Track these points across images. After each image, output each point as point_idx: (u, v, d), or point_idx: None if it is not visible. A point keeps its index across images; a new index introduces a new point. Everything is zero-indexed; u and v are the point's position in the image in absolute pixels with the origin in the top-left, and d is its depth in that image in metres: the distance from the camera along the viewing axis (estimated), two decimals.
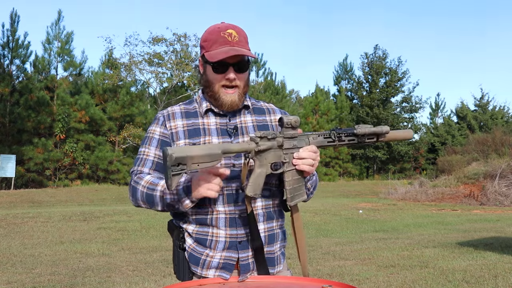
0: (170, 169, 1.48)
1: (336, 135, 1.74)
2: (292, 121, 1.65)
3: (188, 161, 1.50)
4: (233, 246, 1.70)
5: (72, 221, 11.04)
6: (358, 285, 5.29)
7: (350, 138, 1.75)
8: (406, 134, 1.90)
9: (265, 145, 1.62)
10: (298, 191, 1.69)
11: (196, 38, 27.65)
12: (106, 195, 20.18)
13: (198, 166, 1.51)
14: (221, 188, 1.61)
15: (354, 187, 27.42)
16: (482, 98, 38.98)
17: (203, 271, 1.72)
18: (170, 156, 1.48)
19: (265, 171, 1.64)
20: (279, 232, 1.80)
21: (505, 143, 24.56)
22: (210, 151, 1.53)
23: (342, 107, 35.13)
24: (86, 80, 27.85)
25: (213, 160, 1.54)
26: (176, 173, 1.49)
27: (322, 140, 1.73)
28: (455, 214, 14.18)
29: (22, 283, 5.47)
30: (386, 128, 1.78)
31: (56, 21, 26.12)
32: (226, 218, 1.71)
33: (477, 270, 6.04)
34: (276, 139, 1.64)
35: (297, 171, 1.67)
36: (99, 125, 26.64)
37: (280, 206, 1.84)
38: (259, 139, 1.62)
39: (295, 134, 1.67)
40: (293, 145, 1.67)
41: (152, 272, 6.06)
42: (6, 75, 24.14)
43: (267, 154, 1.64)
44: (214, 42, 1.72)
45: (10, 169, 21.38)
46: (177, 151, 1.50)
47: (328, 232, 10.14)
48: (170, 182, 1.48)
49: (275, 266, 1.76)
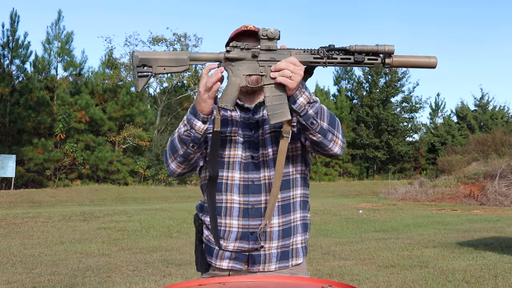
0: (135, 70, 1.54)
1: (326, 52, 1.57)
2: (268, 32, 1.57)
3: (153, 63, 1.54)
4: (245, 236, 1.73)
5: (72, 221, 11.04)
6: (358, 285, 5.29)
7: (343, 57, 1.57)
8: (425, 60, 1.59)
9: (236, 54, 1.58)
10: (279, 109, 1.56)
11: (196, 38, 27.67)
12: (106, 195, 20.18)
13: (164, 69, 1.55)
14: (218, 88, 1.57)
15: (354, 187, 27.41)
16: (482, 98, 39.00)
17: (217, 262, 1.76)
18: (135, 56, 1.54)
19: (239, 82, 1.59)
20: (298, 224, 1.79)
21: (505, 143, 24.56)
22: (177, 56, 1.56)
23: (342, 107, 35.13)
24: (86, 80, 27.86)
25: (179, 65, 1.56)
26: (143, 75, 1.54)
27: (306, 56, 1.58)
28: (455, 214, 14.17)
29: (22, 283, 5.47)
30: (389, 47, 1.55)
31: (56, 21, 26.15)
32: (240, 208, 1.73)
33: (477, 270, 6.04)
34: (251, 50, 1.58)
35: (277, 87, 1.56)
36: (99, 125, 26.64)
37: (303, 197, 1.80)
38: (232, 48, 1.59)
39: (273, 46, 1.58)
40: (271, 58, 1.58)
41: (152, 272, 6.06)
42: (6, 75, 24.14)
43: (241, 65, 1.59)
44: (232, 34, 1.78)
45: (10, 169, 21.37)
46: (143, 53, 1.55)
47: (328, 232, 10.14)
48: (136, 83, 1.54)
49: (289, 259, 1.76)
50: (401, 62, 1.57)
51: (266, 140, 1.75)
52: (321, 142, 1.64)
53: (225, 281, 1.62)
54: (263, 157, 1.75)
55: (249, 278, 1.66)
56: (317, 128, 1.61)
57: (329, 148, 1.66)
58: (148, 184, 26.44)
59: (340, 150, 1.69)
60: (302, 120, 1.60)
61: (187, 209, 13.00)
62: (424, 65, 1.58)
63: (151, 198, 19.79)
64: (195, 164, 1.77)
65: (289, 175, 1.76)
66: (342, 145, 1.69)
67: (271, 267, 1.75)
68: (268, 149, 1.75)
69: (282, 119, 1.57)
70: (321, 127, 1.62)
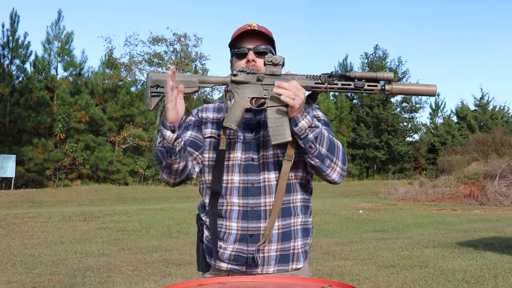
0: (149, 89, 1.67)
1: (327, 79, 1.64)
2: (273, 58, 1.66)
3: (165, 84, 1.65)
4: (244, 239, 1.73)
5: (72, 221, 11.04)
6: (358, 285, 5.29)
7: (344, 83, 1.63)
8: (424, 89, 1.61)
9: (242, 78, 1.68)
10: (280, 130, 1.63)
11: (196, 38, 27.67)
12: (106, 195, 20.18)
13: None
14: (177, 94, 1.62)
15: (354, 187, 27.41)
16: (482, 98, 39.00)
17: (216, 263, 1.78)
18: (150, 77, 1.68)
19: (244, 104, 1.68)
20: (298, 229, 1.79)
21: (505, 143, 24.55)
22: (187, 78, 1.68)
23: (342, 107, 35.14)
24: (86, 80, 27.86)
25: (189, 86, 1.68)
26: (155, 95, 1.67)
27: (308, 81, 1.66)
28: (455, 214, 14.17)
29: (22, 283, 5.47)
30: (388, 74, 1.60)
31: (56, 21, 26.17)
32: (240, 210, 1.74)
33: (477, 270, 6.04)
34: (256, 74, 1.68)
35: (278, 110, 1.63)
36: (99, 125, 26.65)
37: (304, 202, 1.82)
38: (239, 72, 1.68)
39: (277, 71, 1.66)
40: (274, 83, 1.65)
41: (152, 272, 6.06)
42: (6, 75, 24.14)
43: (247, 88, 1.68)
44: (236, 33, 1.81)
45: (10, 169, 21.38)
46: (157, 75, 1.69)
47: (328, 232, 10.14)
48: (149, 102, 1.67)
49: (289, 263, 1.77)
50: (400, 90, 1.61)
51: (267, 141, 1.76)
52: (318, 167, 1.70)
53: (225, 281, 1.62)
54: (263, 159, 1.76)
55: (249, 278, 1.66)
56: (315, 152, 1.66)
57: (327, 174, 1.72)
58: (148, 184, 26.45)
59: (338, 178, 1.74)
60: (301, 143, 1.65)
61: (187, 209, 13.00)
62: (423, 93, 1.62)
63: (151, 198, 19.79)
64: (188, 173, 1.77)
65: (289, 179, 1.76)
66: (341, 172, 1.73)
67: (269, 269, 1.75)
68: (268, 151, 1.76)
69: (283, 140, 1.64)
70: (319, 152, 1.67)
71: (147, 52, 27.13)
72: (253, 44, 1.78)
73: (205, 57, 27.43)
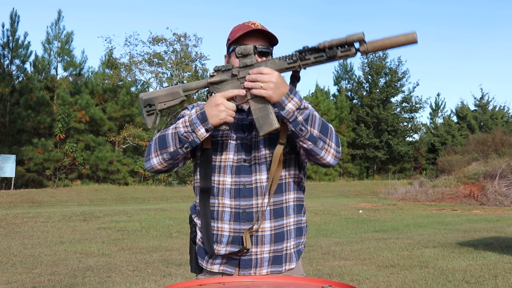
0: (143, 110, 1.74)
1: (298, 55, 1.57)
2: (242, 49, 1.62)
3: (155, 102, 1.73)
4: (236, 241, 1.71)
5: (72, 221, 11.04)
6: (358, 285, 5.29)
7: (316, 55, 1.56)
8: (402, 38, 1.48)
9: (218, 77, 1.67)
10: (265, 119, 1.58)
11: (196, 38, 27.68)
12: (106, 195, 20.18)
13: (164, 105, 1.74)
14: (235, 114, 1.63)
15: (354, 187, 27.42)
16: (482, 98, 39.01)
17: (208, 265, 1.76)
18: (140, 98, 1.75)
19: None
20: (291, 229, 1.76)
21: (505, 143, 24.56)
22: (172, 90, 1.74)
23: (342, 107, 35.14)
24: (86, 80, 27.87)
25: (175, 98, 1.73)
26: (150, 113, 1.74)
27: (281, 63, 1.59)
28: (455, 214, 14.18)
29: (22, 283, 5.47)
30: (358, 35, 1.49)
31: (56, 21, 26.17)
32: (231, 212, 1.72)
33: (477, 270, 6.04)
34: (230, 70, 1.66)
35: (259, 99, 1.59)
36: (99, 125, 26.65)
37: (297, 201, 1.79)
38: (215, 72, 1.68)
39: (249, 62, 1.62)
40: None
41: (152, 272, 6.06)
42: (6, 75, 24.15)
43: (225, 85, 1.67)
44: (237, 31, 1.77)
45: (10, 169, 21.38)
46: (146, 94, 1.75)
47: (328, 232, 10.14)
48: (145, 121, 1.74)
49: (282, 264, 1.75)
50: (376, 47, 1.50)
51: (259, 142, 1.73)
52: (311, 150, 1.63)
53: (225, 281, 1.62)
54: (255, 160, 1.73)
55: (249, 278, 1.66)
56: (306, 134, 1.60)
57: (321, 157, 1.65)
58: (148, 184, 26.46)
59: (333, 160, 1.67)
60: (291, 126, 1.59)
61: (187, 209, 13.00)
62: (402, 43, 1.49)
63: (151, 198, 19.80)
64: (178, 163, 1.76)
65: (282, 179, 1.74)
66: (335, 154, 1.67)
67: (262, 271, 1.72)
68: (261, 152, 1.72)
69: (270, 129, 1.58)
70: (311, 134, 1.60)
71: (147, 52, 27.11)
72: (256, 43, 1.74)
73: (205, 57, 27.39)
